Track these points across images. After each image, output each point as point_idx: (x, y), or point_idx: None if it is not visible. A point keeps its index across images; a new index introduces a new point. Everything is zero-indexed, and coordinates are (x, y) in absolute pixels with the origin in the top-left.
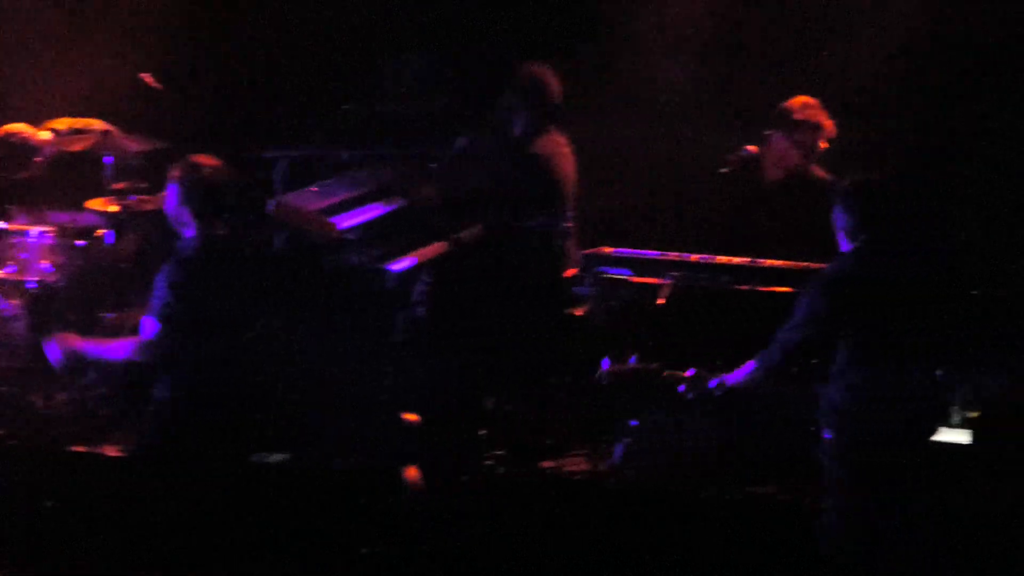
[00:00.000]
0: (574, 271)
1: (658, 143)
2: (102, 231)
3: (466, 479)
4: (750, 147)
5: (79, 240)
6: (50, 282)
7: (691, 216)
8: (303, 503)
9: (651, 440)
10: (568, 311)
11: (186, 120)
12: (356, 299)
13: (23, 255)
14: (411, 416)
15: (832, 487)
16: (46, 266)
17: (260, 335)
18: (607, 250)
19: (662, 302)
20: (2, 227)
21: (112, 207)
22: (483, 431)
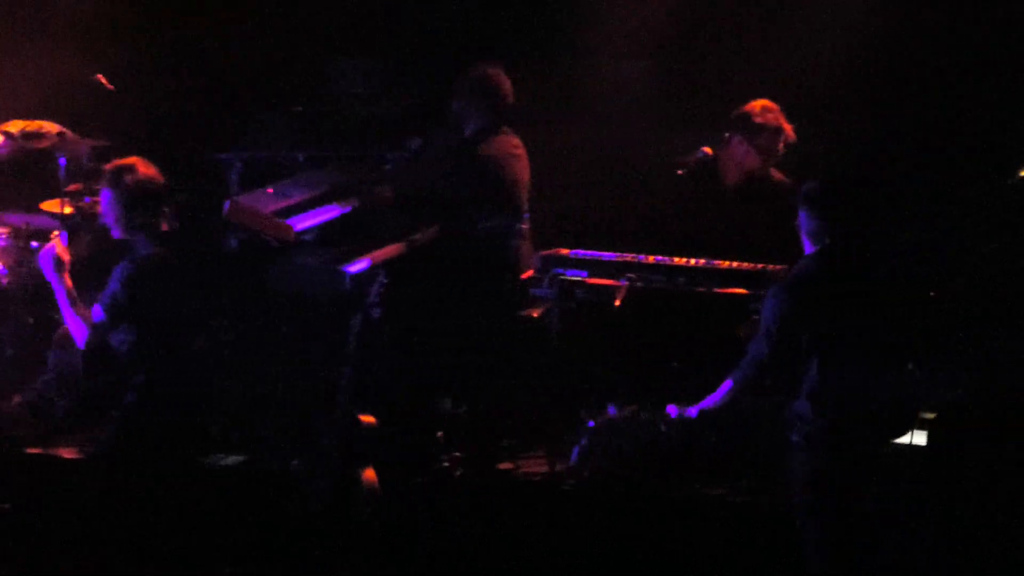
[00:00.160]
0: (530, 273)
1: (614, 144)
2: (56, 233)
3: (423, 481)
4: (706, 148)
5: (33, 242)
6: (3, 284)
7: (647, 218)
8: (259, 505)
9: (608, 441)
10: (524, 313)
11: (140, 121)
12: (310, 301)
13: None
14: (367, 418)
15: (799, 488)
16: (0, 268)
17: (213, 337)
18: (563, 252)
19: (618, 304)
20: None
21: (66, 209)
22: (440, 433)
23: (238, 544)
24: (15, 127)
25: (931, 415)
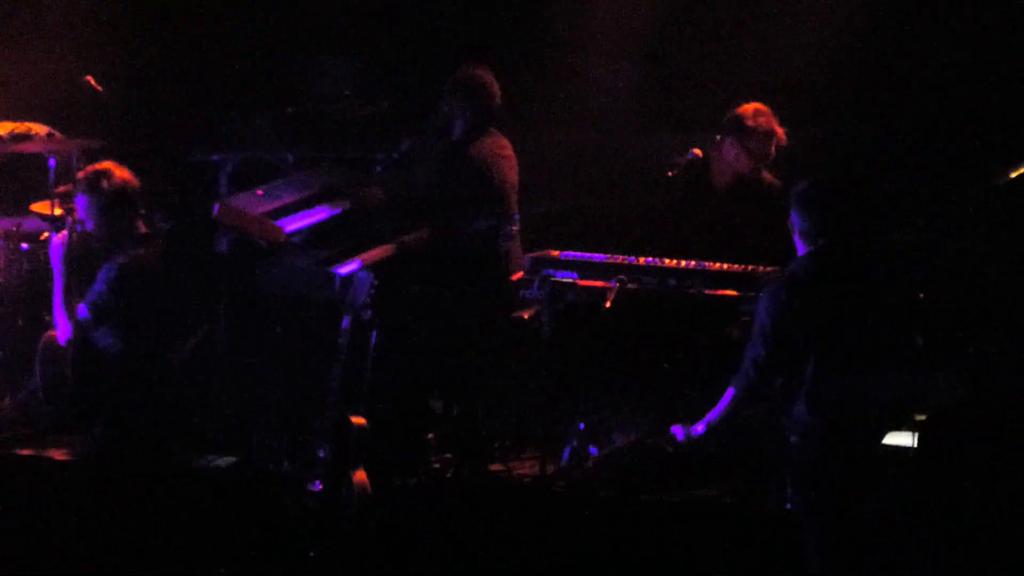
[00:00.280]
0: (520, 274)
1: (604, 146)
2: (47, 234)
3: (413, 483)
4: (696, 150)
5: (24, 244)
6: None
7: (638, 219)
8: (250, 506)
9: (598, 443)
10: (514, 314)
11: (129, 123)
12: (300, 302)
13: None
14: (358, 419)
15: (797, 488)
16: None
17: (203, 338)
18: (554, 253)
19: (609, 305)
20: None
21: (56, 210)
22: (431, 434)
23: (229, 545)
24: (3, 129)
25: (922, 417)
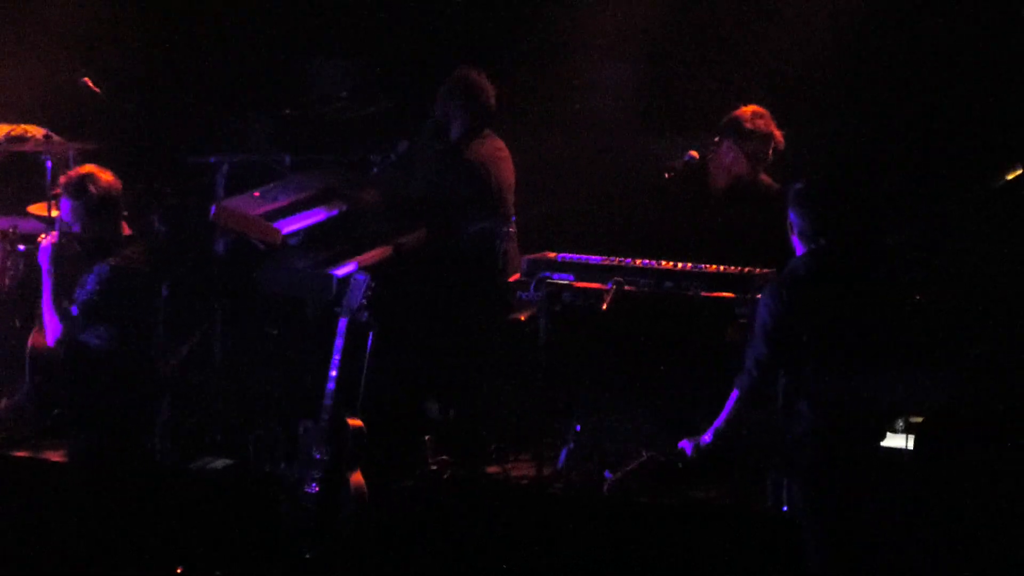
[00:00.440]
0: (517, 276)
1: (600, 147)
2: (44, 236)
3: (410, 485)
4: (693, 152)
5: (21, 245)
6: None
7: (634, 221)
8: (247, 508)
9: (595, 444)
10: (511, 316)
11: (127, 125)
12: (297, 304)
13: None
14: (355, 422)
15: (797, 488)
16: None
17: (200, 340)
18: (550, 255)
19: (605, 307)
20: None
21: (53, 212)
22: (428, 436)
23: (226, 548)
24: (0, 131)
25: (918, 419)
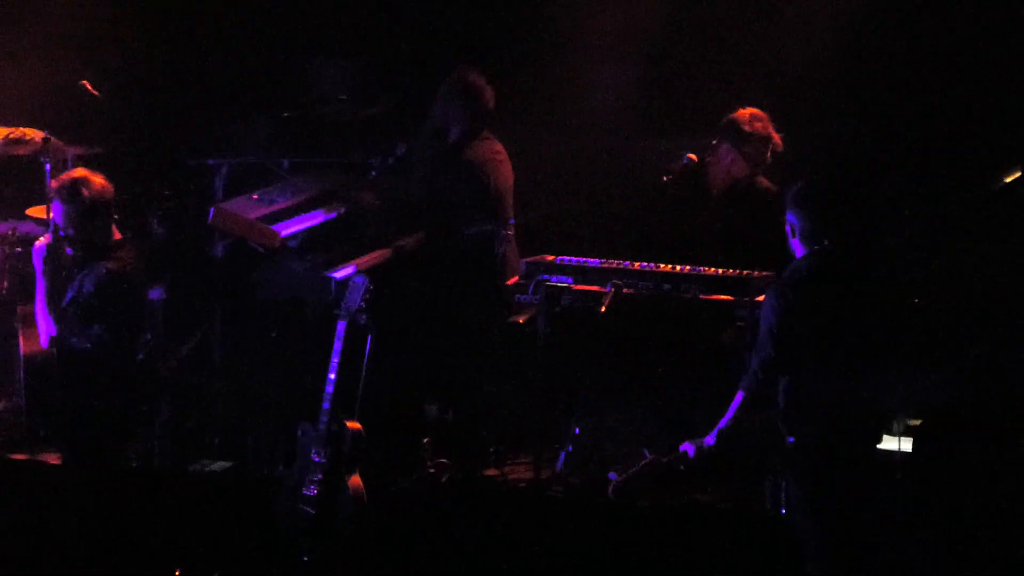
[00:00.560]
0: (516, 279)
1: (599, 150)
2: (42, 239)
3: (409, 487)
4: (691, 155)
5: (19, 248)
6: None
7: (633, 224)
8: (245, 510)
9: (594, 447)
10: (510, 319)
11: (126, 127)
12: (296, 306)
13: None
14: (354, 424)
15: (797, 491)
16: None
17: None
18: (549, 258)
19: (604, 310)
20: None
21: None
22: (426, 439)
23: (224, 549)
24: None
25: (916, 421)
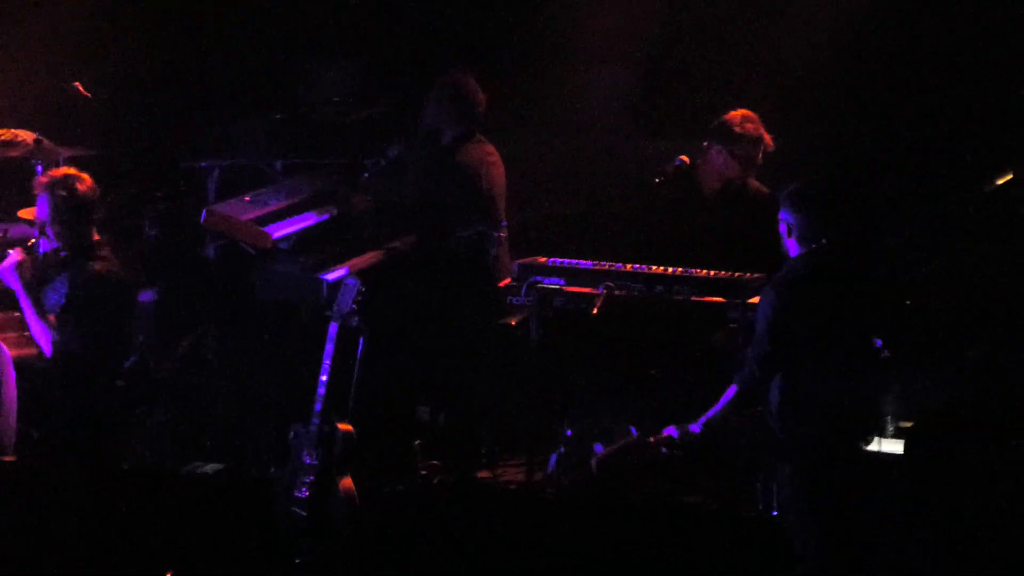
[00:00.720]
0: (508, 281)
1: (591, 152)
2: (33, 240)
3: (401, 489)
4: (683, 157)
5: (10, 250)
6: None
7: (625, 226)
8: (237, 512)
9: (586, 449)
10: (502, 321)
11: (118, 129)
12: (287, 308)
13: None
14: (345, 426)
15: (790, 491)
16: None
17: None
18: (541, 260)
19: (596, 312)
20: None
21: None
22: (418, 441)
23: (217, 551)
24: None
25: (909, 423)
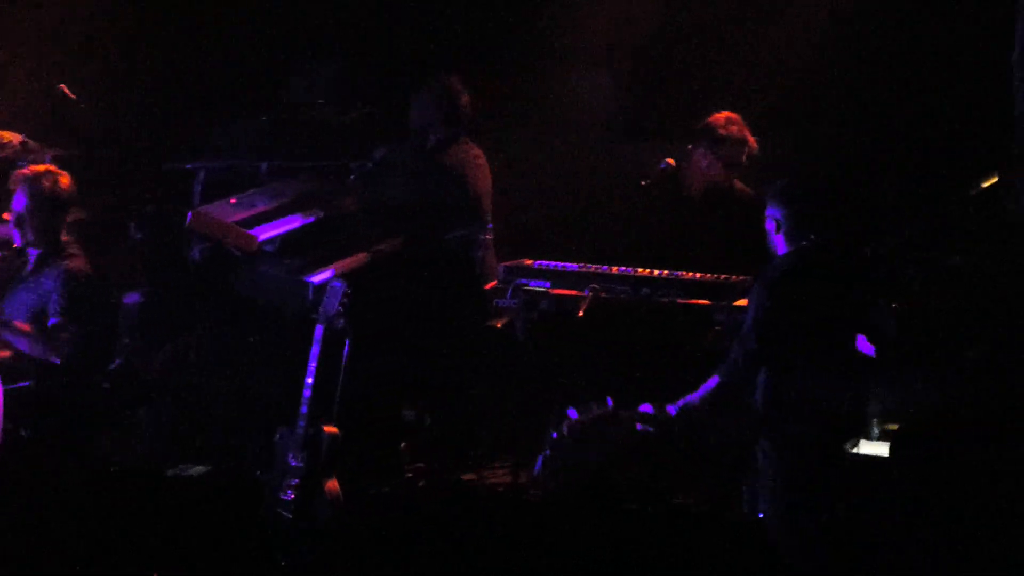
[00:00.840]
0: (494, 283)
1: (577, 155)
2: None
3: (386, 492)
4: (669, 159)
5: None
6: None
7: (611, 228)
8: (222, 515)
9: (572, 451)
10: (488, 323)
11: (103, 131)
12: (273, 311)
13: None
14: (331, 428)
15: (776, 493)
16: None
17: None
18: (527, 262)
19: (582, 314)
20: None
21: None
22: (404, 444)
23: (202, 553)
24: None
25: (893, 426)
